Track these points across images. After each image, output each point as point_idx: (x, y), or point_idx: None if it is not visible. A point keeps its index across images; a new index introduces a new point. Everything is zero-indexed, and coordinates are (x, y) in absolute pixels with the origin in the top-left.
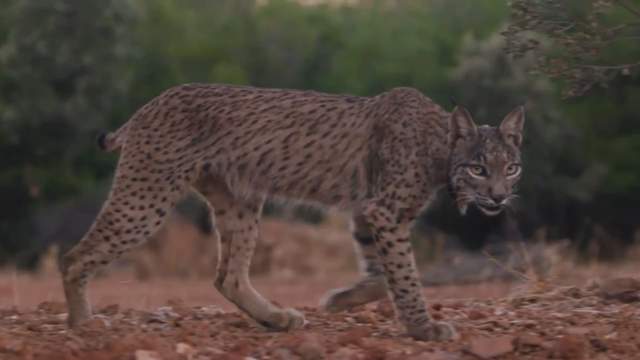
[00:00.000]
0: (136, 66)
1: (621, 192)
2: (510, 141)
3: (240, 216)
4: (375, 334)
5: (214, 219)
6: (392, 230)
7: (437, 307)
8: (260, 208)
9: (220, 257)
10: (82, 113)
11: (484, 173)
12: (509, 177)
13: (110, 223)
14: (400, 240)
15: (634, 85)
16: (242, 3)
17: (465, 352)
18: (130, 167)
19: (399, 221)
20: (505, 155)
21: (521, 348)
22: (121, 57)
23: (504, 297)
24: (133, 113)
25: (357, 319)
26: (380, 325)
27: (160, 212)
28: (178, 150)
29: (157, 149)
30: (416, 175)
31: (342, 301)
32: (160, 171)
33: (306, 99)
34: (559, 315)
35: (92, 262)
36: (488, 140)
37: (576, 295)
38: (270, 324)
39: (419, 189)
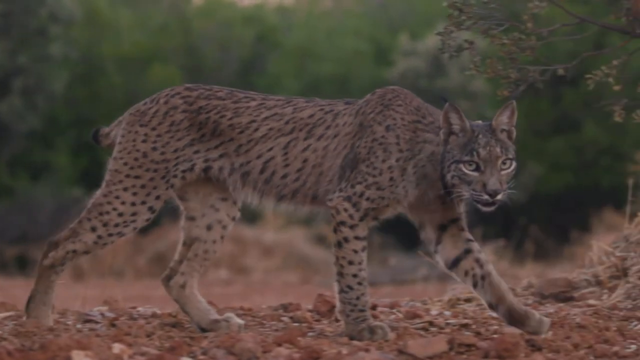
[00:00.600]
0: (72, 66)
1: (557, 192)
2: (503, 136)
3: (209, 228)
4: (311, 333)
5: (182, 221)
6: (351, 227)
7: (373, 307)
8: (230, 227)
9: (176, 257)
10: (18, 113)
11: (477, 169)
12: (503, 172)
13: (100, 214)
14: (357, 237)
15: (569, 86)
16: (178, 3)
17: (401, 351)
18: (125, 164)
19: (361, 220)
20: (498, 149)
21: (457, 348)
22: (57, 57)
23: (439, 296)
24: (69, 113)
25: (293, 319)
26: (316, 325)
27: (151, 210)
28: (175, 150)
29: (154, 149)
30: (391, 179)
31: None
32: (155, 170)
33: (307, 104)
34: (495, 314)
35: (74, 251)
36: (481, 136)
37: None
38: (208, 331)
39: (391, 192)
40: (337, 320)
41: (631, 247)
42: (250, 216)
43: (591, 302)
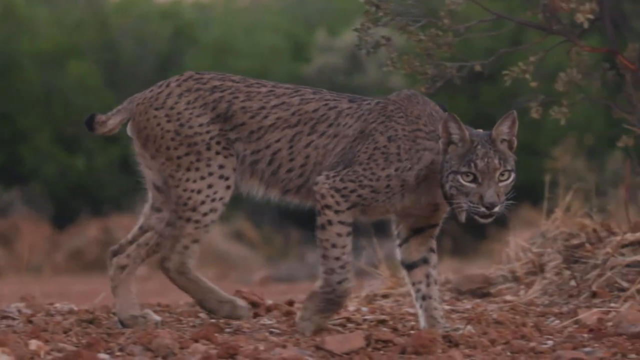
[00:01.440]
0: None
1: None
2: (503, 146)
3: (169, 224)
4: (228, 330)
5: (146, 207)
6: (336, 212)
7: (291, 303)
8: None
9: (129, 237)
10: None
11: (475, 180)
12: (501, 184)
13: (185, 205)
14: (341, 222)
15: (487, 82)
16: None
17: (318, 347)
18: (167, 148)
19: (348, 209)
20: (496, 161)
21: (374, 344)
22: None
23: (357, 293)
24: None
25: (210, 315)
26: (234, 321)
27: (224, 177)
28: (201, 125)
29: (181, 125)
30: (387, 187)
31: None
32: (195, 144)
33: (313, 96)
34: (412, 310)
35: (186, 247)
36: (479, 147)
37: None
38: (124, 325)
39: (387, 197)
40: (254, 317)
41: (548, 243)
42: None
43: (508, 298)
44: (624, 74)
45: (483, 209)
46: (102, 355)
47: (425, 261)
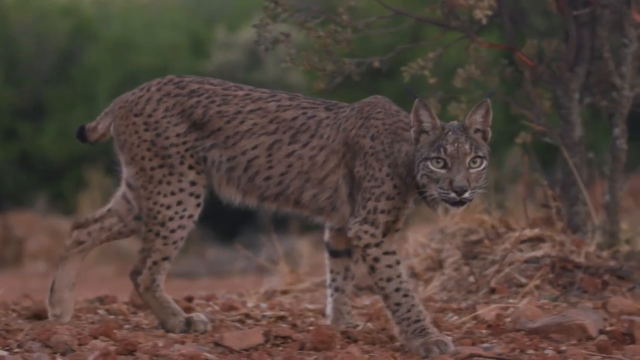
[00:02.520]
0: None
1: None
2: (477, 135)
3: (137, 218)
4: (127, 326)
5: (119, 192)
6: (377, 245)
7: (190, 299)
8: None
9: (96, 214)
10: None
11: (445, 166)
12: (472, 170)
13: (154, 218)
14: (386, 253)
15: (386, 78)
16: None
17: (217, 344)
18: (143, 158)
19: (384, 235)
20: (467, 146)
21: (272, 340)
22: None
23: (256, 289)
24: None
25: (109, 312)
26: (133, 317)
27: (194, 195)
28: (178, 135)
29: (158, 135)
30: (395, 186)
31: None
32: (170, 156)
33: (290, 103)
34: (311, 307)
35: (155, 263)
36: (450, 133)
37: None
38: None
39: (401, 199)
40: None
41: (446, 239)
42: (66, 208)
43: None
44: (522, 70)
45: (453, 194)
46: (0, 352)
47: (349, 254)
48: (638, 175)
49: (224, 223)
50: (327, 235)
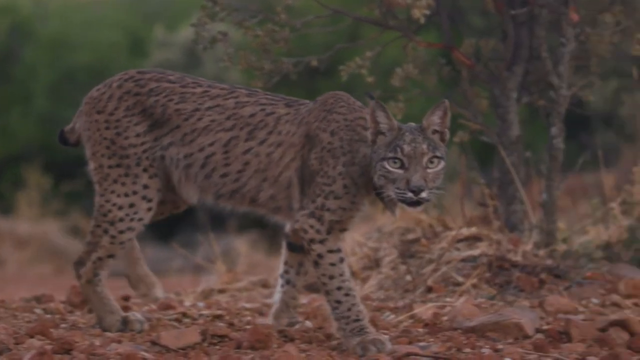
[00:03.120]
0: None
1: None
2: (435, 137)
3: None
4: (64, 325)
5: None
6: (322, 242)
7: (127, 298)
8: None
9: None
10: None
11: (402, 166)
12: (429, 170)
13: (104, 215)
14: (330, 251)
15: (324, 77)
16: None
17: (154, 343)
18: (102, 155)
19: (328, 232)
20: (424, 146)
21: (210, 339)
22: None
23: (193, 288)
24: None
25: (46, 311)
26: (69, 316)
27: (146, 199)
28: (138, 135)
29: (118, 134)
30: (344, 187)
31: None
32: (127, 156)
33: (249, 100)
34: (248, 305)
35: (100, 259)
36: (407, 133)
37: (265, 285)
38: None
39: (349, 200)
40: (89, 311)
41: (384, 238)
42: (4, 207)
43: None
44: (459, 69)
45: (410, 194)
46: None
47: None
48: (575, 175)
49: (161, 222)
50: (287, 228)
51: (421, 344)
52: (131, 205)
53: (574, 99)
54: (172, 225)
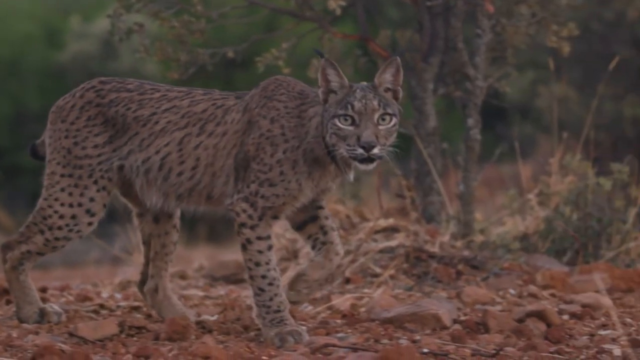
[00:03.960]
0: None
1: None
2: (387, 95)
3: (156, 220)
4: None
5: (135, 220)
6: (252, 228)
7: (44, 290)
8: (177, 214)
9: (143, 260)
10: None
11: (353, 123)
12: (381, 127)
13: (44, 218)
14: (259, 238)
15: (240, 68)
16: None
17: (72, 334)
18: (58, 163)
19: (260, 219)
20: (375, 103)
21: (127, 330)
22: None
23: (111, 279)
24: None
25: None
26: None
27: (90, 213)
28: (96, 146)
29: (76, 144)
30: (281, 174)
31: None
32: (81, 167)
33: (203, 97)
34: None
35: (29, 252)
36: (358, 90)
37: (183, 277)
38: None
39: (284, 187)
40: (7, 303)
41: None
42: None
43: None
44: (376, 60)
45: (360, 151)
46: None
47: (313, 219)
48: (492, 166)
49: None
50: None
51: (339, 335)
52: (73, 217)
53: (490, 90)
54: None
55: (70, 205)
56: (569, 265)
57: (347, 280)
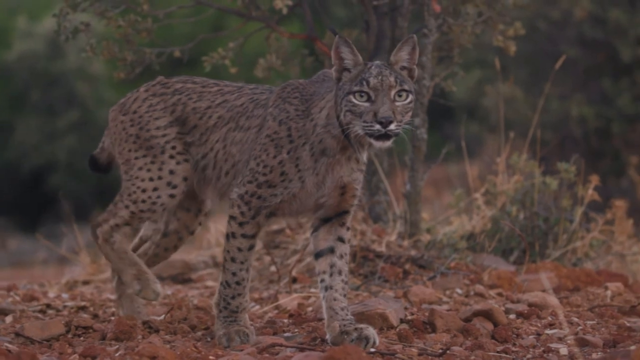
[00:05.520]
0: None
1: None
2: (403, 73)
3: (165, 235)
4: None
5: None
6: (240, 224)
7: None
8: (186, 239)
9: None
10: None
11: (369, 99)
12: (397, 103)
13: (129, 195)
14: (244, 235)
15: (187, 68)
16: None
17: (18, 334)
18: (129, 150)
19: (253, 217)
20: (392, 79)
21: (74, 330)
22: None
23: (57, 279)
24: None
25: None
26: None
27: (171, 185)
28: (158, 128)
29: (141, 128)
30: (282, 174)
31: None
32: (152, 147)
33: (247, 92)
34: (112, 297)
35: (117, 225)
36: (374, 67)
37: None
38: None
39: (283, 187)
40: None
41: None
42: None
43: (209, 283)
44: (323, 60)
45: (378, 127)
46: None
47: (331, 250)
48: (439, 165)
49: (25, 213)
50: (311, 243)
51: (286, 334)
52: (155, 189)
53: (437, 89)
54: (36, 217)
55: (151, 179)
56: (515, 265)
57: (294, 280)
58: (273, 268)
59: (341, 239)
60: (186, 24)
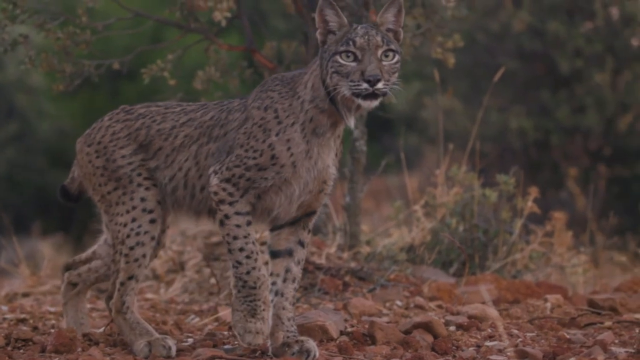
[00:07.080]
0: None
1: None
2: (389, 35)
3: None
4: None
5: (103, 236)
6: (231, 204)
7: None
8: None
9: (83, 256)
10: None
11: (355, 59)
12: (385, 63)
13: (116, 238)
14: (238, 213)
15: (126, 80)
16: None
17: None
18: (100, 185)
19: (242, 196)
20: (378, 39)
21: (13, 343)
22: None
23: None
24: None
25: None
26: None
27: (147, 211)
28: (124, 157)
29: (107, 160)
30: (272, 157)
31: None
32: (119, 178)
33: (214, 107)
34: (52, 309)
35: (122, 284)
36: (359, 28)
37: None
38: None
39: (276, 172)
40: None
41: (188, 241)
42: None
43: (149, 296)
44: (262, 72)
45: (365, 85)
46: None
47: (290, 253)
48: (378, 177)
49: None
50: (268, 238)
51: (226, 346)
52: (133, 220)
53: None
54: None
55: (127, 212)
56: (455, 277)
57: None
58: (213, 280)
59: (301, 243)
60: (125, 36)
